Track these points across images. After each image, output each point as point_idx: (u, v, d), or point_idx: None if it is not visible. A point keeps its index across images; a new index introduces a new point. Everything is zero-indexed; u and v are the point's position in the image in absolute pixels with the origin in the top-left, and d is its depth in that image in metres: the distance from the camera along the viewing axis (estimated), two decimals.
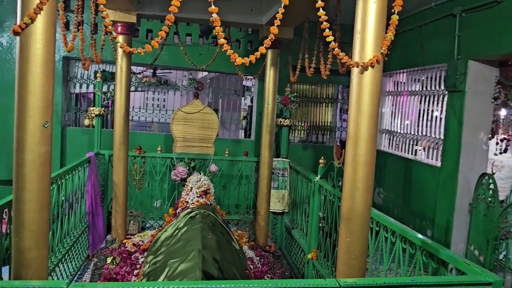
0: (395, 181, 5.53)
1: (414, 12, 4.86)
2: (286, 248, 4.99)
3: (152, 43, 1.94)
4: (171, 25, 1.92)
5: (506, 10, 3.49)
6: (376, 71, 2.08)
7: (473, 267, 1.90)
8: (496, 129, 3.97)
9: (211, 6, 1.82)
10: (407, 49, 5.17)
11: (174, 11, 1.85)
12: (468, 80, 3.98)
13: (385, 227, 2.64)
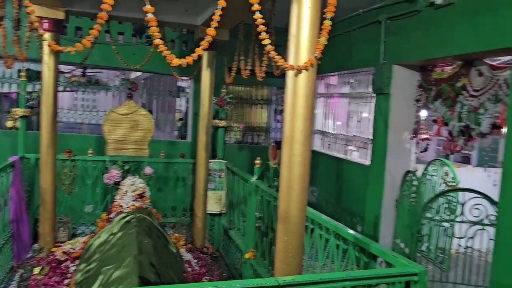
0: (328, 180, 5.75)
1: (343, 18, 5.08)
2: (224, 249, 5.00)
3: (83, 42, 1.86)
4: (104, 23, 1.85)
5: (426, 19, 3.76)
6: (310, 74, 2.14)
7: (401, 259, 2.03)
8: (418, 129, 4.26)
9: (146, 5, 1.78)
10: (337, 53, 5.40)
11: (107, 9, 1.79)
12: (393, 84, 4.23)
13: (320, 224, 2.74)
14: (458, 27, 3.39)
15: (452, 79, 3.73)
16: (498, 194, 2.98)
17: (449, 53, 3.51)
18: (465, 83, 3.56)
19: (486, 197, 3.19)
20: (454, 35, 3.43)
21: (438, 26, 3.60)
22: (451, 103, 3.69)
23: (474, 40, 3.23)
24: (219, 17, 1.94)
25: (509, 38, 2.91)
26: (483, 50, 3.18)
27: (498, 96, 3.24)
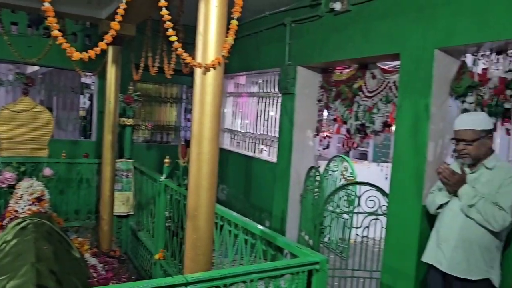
0: (237, 178, 5.85)
1: (251, 19, 5.20)
2: (133, 252, 4.85)
3: None
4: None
5: (326, 24, 4.01)
6: (218, 72, 2.18)
7: (304, 250, 2.15)
8: (320, 127, 4.52)
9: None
10: (245, 54, 5.51)
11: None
12: (297, 84, 4.44)
13: (229, 221, 2.79)
14: (354, 33, 3.66)
15: (349, 81, 4.02)
16: (388, 186, 3.30)
17: (347, 56, 3.78)
18: (361, 85, 3.87)
19: (379, 189, 3.50)
20: (350, 40, 3.70)
21: (337, 31, 3.87)
22: (349, 103, 3.98)
23: (367, 46, 3.52)
24: (124, 11, 1.89)
25: (397, 45, 3.23)
26: (375, 55, 3.48)
27: (388, 97, 3.57)
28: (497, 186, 2.40)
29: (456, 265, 2.48)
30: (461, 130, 2.49)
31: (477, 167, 2.53)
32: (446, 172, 2.51)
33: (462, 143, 2.49)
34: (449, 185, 2.53)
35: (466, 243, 2.46)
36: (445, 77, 2.98)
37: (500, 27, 2.52)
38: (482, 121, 2.47)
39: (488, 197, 2.39)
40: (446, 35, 2.84)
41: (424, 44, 2.99)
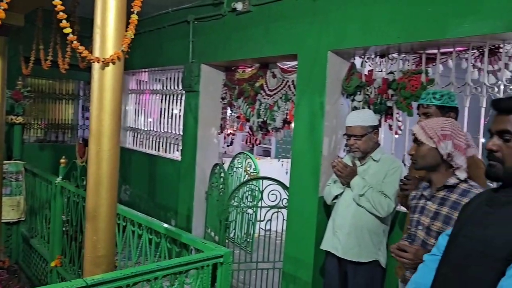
0: (141, 177, 5.69)
1: (153, 14, 5.09)
2: (25, 261, 4.47)
3: None
4: None
5: (229, 23, 4.08)
6: (118, 67, 2.11)
7: (208, 244, 2.19)
8: (224, 125, 4.59)
9: None
10: (148, 50, 5.38)
11: None
12: (201, 82, 4.46)
13: (132, 221, 2.72)
14: (255, 33, 3.78)
15: (251, 79, 4.14)
16: (289, 180, 3.47)
17: (248, 56, 3.90)
18: (262, 84, 4.01)
19: (280, 183, 3.67)
20: (252, 40, 3.82)
21: (239, 31, 3.96)
22: (251, 101, 4.10)
23: (267, 46, 3.66)
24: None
25: (295, 46, 3.40)
26: (275, 55, 3.64)
27: (288, 96, 3.75)
28: (383, 176, 2.66)
29: (350, 250, 2.68)
30: (352, 127, 2.69)
31: (366, 160, 2.76)
32: (339, 165, 2.71)
33: (353, 138, 2.69)
34: (342, 177, 2.72)
35: (358, 229, 2.67)
36: (337, 78, 3.22)
37: (383, 34, 2.80)
38: (369, 117, 2.72)
39: (375, 187, 2.65)
40: (338, 39, 3.07)
41: (318, 46, 3.20)
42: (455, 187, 1.80)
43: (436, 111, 2.19)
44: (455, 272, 1.34)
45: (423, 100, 2.26)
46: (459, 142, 1.80)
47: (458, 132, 1.82)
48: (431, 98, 2.22)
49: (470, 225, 1.36)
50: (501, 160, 1.29)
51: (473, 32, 2.37)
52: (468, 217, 1.41)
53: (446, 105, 2.19)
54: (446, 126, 1.82)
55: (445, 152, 1.79)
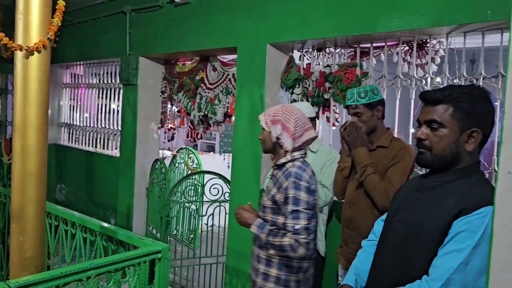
0: (77, 175, 5.44)
1: (88, 4, 4.86)
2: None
3: None
4: None
5: (167, 15, 3.98)
6: (44, 57, 1.98)
7: (146, 240, 2.12)
8: (164, 119, 4.49)
9: None
10: (82, 42, 5.13)
11: None
12: (139, 75, 4.31)
13: (65, 219, 2.58)
14: (194, 25, 3.72)
15: (192, 72, 4.08)
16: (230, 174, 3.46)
17: (188, 48, 3.82)
18: (203, 77, 3.96)
19: (221, 177, 3.64)
20: (191, 32, 3.75)
21: (178, 22, 3.87)
22: (192, 95, 4.04)
23: (207, 38, 3.62)
24: None
25: (234, 39, 3.39)
26: (215, 48, 3.60)
27: (228, 89, 3.73)
28: (320, 167, 2.69)
29: None
30: None
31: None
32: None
33: None
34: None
35: None
36: (276, 71, 3.25)
37: (319, 27, 2.86)
38: (306, 110, 2.71)
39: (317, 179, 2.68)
40: (276, 32, 3.09)
41: (257, 39, 3.20)
42: (283, 166, 2.02)
43: (364, 109, 2.24)
44: (393, 256, 1.41)
45: (349, 101, 2.28)
46: (288, 126, 1.97)
47: (290, 117, 1.99)
48: (356, 97, 2.26)
49: (403, 210, 1.44)
50: (429, 148, 1.37)
51: (402, 27, 2.48)
52: (401, 202, 1.49)
53: (372, 101, 2.24)
54: (278, 112, 2.01)
55: (274, 135, 1.98)
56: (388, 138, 2.29)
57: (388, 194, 2.06)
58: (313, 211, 1.99)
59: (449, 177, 1.36)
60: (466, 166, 1.36)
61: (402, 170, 2.15)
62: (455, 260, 1.21)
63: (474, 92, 1.35)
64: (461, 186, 1.32)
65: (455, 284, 1.20)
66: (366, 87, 2.29)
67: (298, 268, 2.06)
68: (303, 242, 1.90)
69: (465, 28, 2.42)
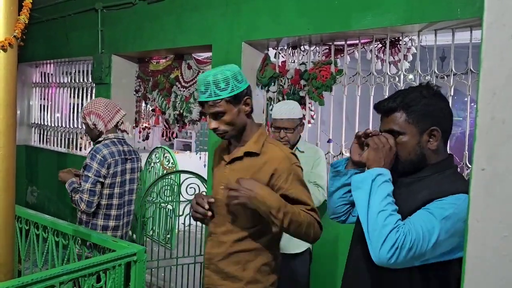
0: (50, 177, 5.29)
1: (58, 1, 4.73)
2: None
3: None
4: None
5: (140, 12, 3.91)
6: (10, 55, 1.91)
7: (120, 243, 2.08)
8: (139, 119, 4.41)
9: None
10: (52, 39, 4.99)
11: None
12: (112, 74, 4.23)
13: (36, 223, 2.51)
14: (167, 23, 3.67)
15: (166, 71, 4.02)
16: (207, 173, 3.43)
17: (162, 46, 3.77)
18: (177, 75, 3.91)
19: (197, 176, 3.61)
20: (165, 30, 3.70)
21: (151, 20, 3.81)
22: (167, 93, 3.99)
23: (181, 36, 3.57)
24: None
25: (209, 37, 3.36)
26: (189, 46, 3.56)
27: None
28: (310, 166, 2.62)
29: (288, 241, 2.42)
30: (283, 120, 2.58)
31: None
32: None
33: (283, 131, 2.59)
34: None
35: None
36: (251, 68, 3.24)
37: (294, 25, 2.86)
38: (297, 110, 2.66)
39: (305, 177, 2.58)
40: (250, 30, 3.08)
41: (232, 37, 3.18)
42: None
43: (228, 106, 1.65)
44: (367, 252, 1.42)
45: (204, 95, 1.65)
46: (99, 113, 2.62)
47: (98, 106, 2.63)
48: (214, 90, 1.61)
49: None
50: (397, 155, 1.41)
51: (375, 25, 2.51)
52: None
53: (237, 92, 1.64)
54: (87, 106, 2.67)
55: (90, 123, 2.63)
56: (259, 141, 1.72)
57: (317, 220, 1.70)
58: (101, 179, 2.57)
59: (423, 173, 1.40)
60: (439, 162, 1.40)
61: (301, 184, 1.73)
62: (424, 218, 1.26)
63: (424, 92, 1.39)
64: (435, 180, 1.36)
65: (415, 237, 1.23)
66: (225, 71, 1.62)
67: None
68: (84, 199, 2.52)
69: (436, 26, 2.47)
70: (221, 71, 1.62)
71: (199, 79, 1.65)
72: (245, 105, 1.68)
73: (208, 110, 1.66)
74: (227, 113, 1.64)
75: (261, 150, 1.69)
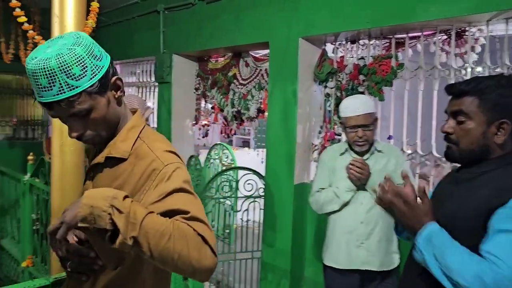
0: None
1: (123, 5, 4.96)
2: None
3: None
4: None
5: (199, 12, 4.00)
6: None
7: None
8: (198, 116, 4.52)
9: None
10: (119, 42, 5.24)
11: None
12: (173, 73, 4.37)
13: None
14: (226, 22, 3.72)
15: (225, 69, 4.08)
16: (264, 169, 3.45)
17: (220, 45, 3.83)
18: (235, 73, 3.95)
19: (255, 172, 3.64)
20: (223, 29, 3.75)
21: (210, 19, 3.89)
22: (225, 91, 4.05)
23: (239, 35, 3.61)
24: None
25: (266, 34, 3.36)
26: (247, 43, 3.58)
27: (261, 84, 3.71)
28: (393, 167, 2.27)
29: (384, 258, 2.28)
30: (360, 116, 2.22)
31: (370, 152, 2.32)
32: (357, 163, 2.22)
33: (361, 129, 2.23)
34: (364, 177, 2.22)
35: (388, 233, 2.25)
36: (309, 64, 3.20)
37: (352, 19, 2.78)
38: (371, 103, 2.35)
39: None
40: (308, 25, 3.04)
41: (289, 33, 3.16)
42: None
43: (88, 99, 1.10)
44: None
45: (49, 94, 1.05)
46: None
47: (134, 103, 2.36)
48: (61, 83, 1.04)
49: (438, 204, 1.40)
50: (456, 142, 1.33)
51: (440, 15, 2.37)
52: (439, 195, 1.46)
53: (99, 77, 1.10)
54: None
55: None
56: (129, 139, 1.21)
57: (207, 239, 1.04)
58: None
59: (484, 167, 1.31)
60: (502, 155, 1.30)
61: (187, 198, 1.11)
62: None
63: (502, 81, 1.29)
64: (498, 175, 1.27)
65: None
66: (75, 49, 1.04)
67: None
68: None
69: (507, 14, 2.29)
70: (67, 49, 1.03)
71: (31, 69, 1.02)
72: (115, 90, 1.16)
73: (63, 113, 1.08)
74: (94, 110, 1.10)
75: (130, 151, 1.18)
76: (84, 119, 1.11)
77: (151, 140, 1.20)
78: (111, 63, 1.15)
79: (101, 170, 1.21)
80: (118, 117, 1.20)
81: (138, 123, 1.23)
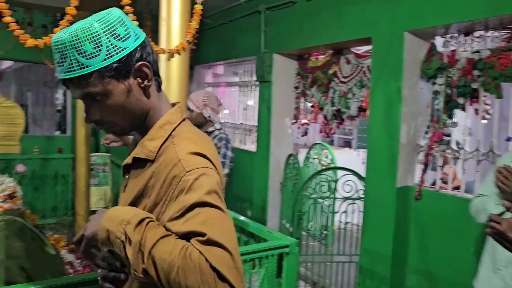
0: None
1: (226, 7, 5.14)
2: None
3: None
4: None
5: (300, 10, 3.98)
6: (183, 58, 2.15)
7: (275, 234, 2.14)
8: (298, 115, 4.50)
9: None
10: (222, 42, 5.46)
11: None
12: (274, 72, 4.41)
13: None
14: (327, 18, 3.64)
15: (325, 67, 4.01)
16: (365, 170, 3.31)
17: (321, 42, 3.76)
18: (336, 71, 3.86)
19: (355, 173, 3.51)
20: (324, 26, 3.68)
21: (311, 17, 3.84)
22: (325, 89, 3.97)
23: (340, 31, 3.51)
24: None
25: (369, 29, 3.22)
26: (348, 40, 3.47)
27: (362, 82, 3.56)
28: None
29: None
30: None
31: None
32: (504, 171, 1.83)
33: None
34: (507, 192, 1.81)
35: None
36: (415, 60, 2.99)
37: (466, 9, 2.53)
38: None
39: None
40: (415, 18, 2.84)
41: (394, 27, 2.98)
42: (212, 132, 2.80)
43: (103, 82, 0.97)
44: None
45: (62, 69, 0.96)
46: (214, 107, 2.82)
47: (211, 101, 2.82)
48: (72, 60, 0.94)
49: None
50: None
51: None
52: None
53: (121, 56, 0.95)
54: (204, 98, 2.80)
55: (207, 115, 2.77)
56: (159, 137, 1.04)
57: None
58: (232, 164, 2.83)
59: None
60: None
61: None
62: None
63: None
64: None
65: None
66: (92, 24, 0.93)
67: None
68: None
69: None
70: (85, 23, 0.93)
71: (51, 41, 0.95)
72: (139, 78, 1.00)
73: (76, 93, 0.99)
74: (109, 96, 0.97)
75: (158, 151, 1.02)
76: (99, 104, 0.98)
77: (181, 138, 1.02)
78: (142, 46, 0.98)
79: (132, 172, 1.09)
80: (144, 110, 1.03)
81: (173, 119, 1.05)
